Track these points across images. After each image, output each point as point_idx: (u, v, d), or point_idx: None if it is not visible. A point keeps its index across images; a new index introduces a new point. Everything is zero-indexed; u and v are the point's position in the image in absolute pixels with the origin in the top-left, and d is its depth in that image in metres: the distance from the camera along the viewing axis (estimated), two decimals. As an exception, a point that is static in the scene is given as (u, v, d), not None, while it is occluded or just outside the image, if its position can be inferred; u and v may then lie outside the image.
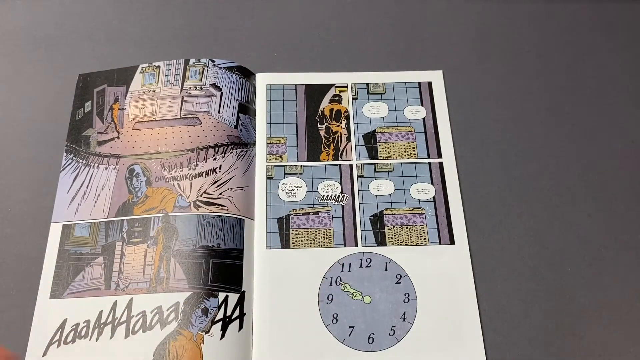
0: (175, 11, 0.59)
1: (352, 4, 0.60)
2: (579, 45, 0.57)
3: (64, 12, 0.59)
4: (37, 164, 0.50)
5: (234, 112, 0.52)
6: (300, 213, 0.48)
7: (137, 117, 0.52)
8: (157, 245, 0.46)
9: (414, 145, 0.51)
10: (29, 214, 0.48)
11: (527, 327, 0.44)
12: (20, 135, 0.52)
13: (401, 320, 0.44)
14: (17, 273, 0.45)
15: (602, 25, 0.59)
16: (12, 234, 0.47)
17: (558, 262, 0.47)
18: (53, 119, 0.52)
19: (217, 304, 0.43)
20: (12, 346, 0.43)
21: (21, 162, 0.50)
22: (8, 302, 0.44)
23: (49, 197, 0.48)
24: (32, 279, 0.45)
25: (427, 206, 0.49)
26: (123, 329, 0.43)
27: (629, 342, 0.44)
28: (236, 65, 0.54)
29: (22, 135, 0.52)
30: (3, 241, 0.47)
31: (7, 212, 0.48)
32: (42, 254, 0.46)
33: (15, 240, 0.47)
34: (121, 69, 0.54)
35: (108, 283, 0.45)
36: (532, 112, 0.54)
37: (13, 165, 0.50)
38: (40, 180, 0.49)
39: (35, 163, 0.50)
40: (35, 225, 0.47)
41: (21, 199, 0.49)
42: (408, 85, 0.54)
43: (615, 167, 0.51)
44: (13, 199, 0.49)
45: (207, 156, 0.49)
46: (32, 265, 0.45)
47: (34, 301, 0.44)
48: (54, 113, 0.53)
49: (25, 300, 0.44)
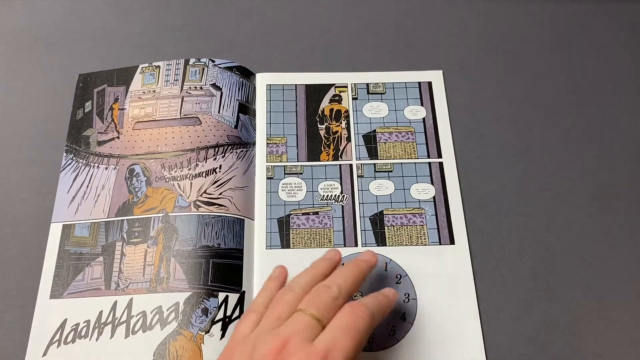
0: (175, 11, 0.59)
1: (352, 4, 0.60)
2: (580, 45, 0.57)
3: (64, 12, 0.59)
4: (37, 164, 0.50)
5: (234, 112, 0.52)
6: (300, 213, 0.48)
7: (137, 117, 0.52)
8: (157, 245, 0.46)
9: (414, 145, 0.51)
10: (29, 214, 0.48)
11: (527, 327, 0.44)
12: (20, 135, 0.52)
13: (401, 321, 0.44)
14: (18, 273, 0.45)
15: (603, 25, 0.59)
16: (12, 233, 0.47)
17: (558, 262, 0.47)
18: (53, 119, 0.52)
19: (217, 304, 0.43)
20: (12, 346, 0.43)
21: (21, 162, 0.50)
22: (8, 302, 0.44)
23: (49, 197, 0.48)
24: (32, 279, 0.45)
25: (427, 206, 0.49)
26: (123, 329, 0.43)
27: (629, 342, 0.44)
28: (236, 65, 0.54)
29: (22, 135, 0.52)
30: (3, 241, 0.47)
31: (7, 212, 0.48)
32: (42, 254, 0.46)
33: (15, 240, 0.47)
34: (121, 69, 0.54)
35: (108, 283, 0.45)
36: (532, 112, 0.54)
37: (13, 165, 0.50)
38: (41, 180, 0.49)
39: (35, 163, 0.50)
40: (35, 225, 0.47)
41: (21, 199, 0.49)
42: (408, 85, 0.54)
43: (615, 167, 0.51)
44: (13, 199, 0.49)
45: (207, 156, 0.49)
46: (32, 265, 0.45)
47: (34, 301, 0.44)
48: (54, 113, 0.53)
49: (25, 300, 0.44)
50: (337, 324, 0.35)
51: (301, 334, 0.34)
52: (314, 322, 0.35)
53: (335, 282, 0.38)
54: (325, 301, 0.37)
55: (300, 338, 0.34)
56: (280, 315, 0.37)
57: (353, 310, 0.36)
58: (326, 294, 0.37)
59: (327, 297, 0.37)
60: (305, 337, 0.34)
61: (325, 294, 0.37)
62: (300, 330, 0.35)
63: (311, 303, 0.37)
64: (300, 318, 0.35)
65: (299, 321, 0.35)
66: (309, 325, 0.35)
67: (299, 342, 0.34)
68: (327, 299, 0.37)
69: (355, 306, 0.36)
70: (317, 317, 0.35)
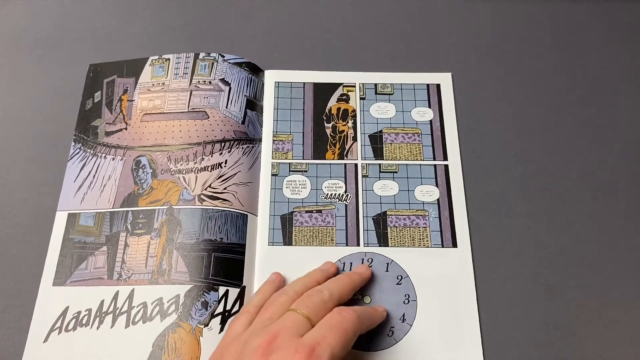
0: (187, 7, 0.59)
1: (364, 3, 0.60)
2: (590, 49, 0.57)
3: (78, 6, 0.59)
4: (45, 153, 0.51)
5: (242, 108, 0.52)
6: (303, 211, 0.48)
7: (146, 109, 0.52)
8: (160, 237, 0.46)
9: (420, 147, 0.51)
10: (35, 202, 0.48)
11: (527, 327, 0.44)
12: (29, 124, 0.52)
13: (400, 322, 0.44)
14: (22, 259, 0.46)
15: (603, 25, 0.58)
16: (18, 221, 0.48)
17: (558, 262, 0.47)
18: (62, 109, 0.53)
19: (217, 298, 0.43)
20: (13, 331, 0.43)
21: (29, 151, 0.51)
22: (11, 287, 0.45)
23: (55, 185, 0.49)
24: (36, 266, 0.45)
25: (431, 208, 0.49)
26: (124, 319, 0.43)
27: (629, 342, 0.44)
28: (245, 61, 0.54)
29: (31, 124, 0.52)
30: (9, 228, 0.47)
31: (15, 200, 0.48)
32: (46, 241, 0.46)
33: (21, 228, 0.47)
34: (131, 60, 0.55)
35: (111, 273, 0.45)
36: (540, 117, 0.53)
37: (21, 153, 0.51)
38: (48, 169, 0.50)
39: (43, 152, 0.51)
40: (41, 213, 0.48)
41: (28, 188, 0.49)
42: (416, 86, 0.54)
43: (616, 167, 0.51)
44: (21, 188, 0.49)
45: (213, 150, 0.50)
46: (36, 253, 0.46)
47: (37, 288, 0.44)
48: (64, 103, 0.53)
49: (28, 286, 0.45)
50: (326, 322, 0.37)
51: (290, 329, 0.36)
52: (304, 319, 0.37)
53: (327, 287, 0.40)
54: (315, 302, 0.38)
55: (289, 333, 0.35)
56: (272, 316, 0.38)
57: (341, 312, 0.38)
58: (317, 296, 0.39)
59: (318, 299, 0.39)
60: (294, 332, 0.36)
61: (316, 296, 0.39)
62: (289, 326, 0.36)
63: (302, 303, 0.38)
64: (291, 316, 0.37)
65: (289, 318, 0.37)
66: (299, 322, 0.37)
67: (287, 336, 0.35)
68: (317, 300, 0.39)
69: (343, 309, 0.38)
70: (307, 315, 0.37)
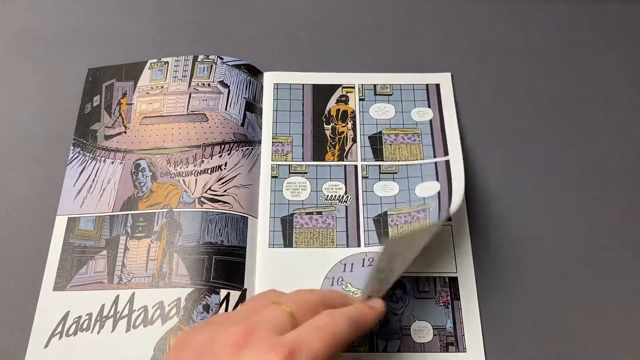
0: (184, 9, 0.59)
1: (362, 4, 0.60)
2: (590, 49, 0.57)
3: (75, 9, 0.59)
4: (44, 157, 0.51)
5: (241, 110, 0.52)
6: (303, 212, 0.48)
7: (145, 112, 0.52)
8: (160, 240, 0.46)
9: (420, 147, 0.51)
10: (35, 206, 0.48)
11: (527, 328, 0.44)
12: (28, 128, 0.52)
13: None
14: (21, 264, 0.46)
15: (603, 25, 0.58)
16: (18, 225, 0.47)
17: (558, 262, 0.46)
18: (61, 113, 0.53)
19: (218, 301, 0.43)
20: (14, 337, 0.43)
21: (29, 155, 0.51)
22: (11, 293, 0.45)
23: (55, 190, 0.49)
24: (36, 270, 0.45)
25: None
26: (124, 323, 0.43)
27: (629, 342, 0.43)
28: (244, 63, 0.54)
29: (30, 128, 0.52)
30: (9, 232, 0.47)
31: (14, 204, 0.48)
32: (46, 246, 0.46)
33: (20, 232, 0.47)
34: (130, 64, 0.55)
35: (111, 277, 0.45)
36: (540, 117, 0.53)
37: (20, 157, 0.51)
38: (47, 173, 0.50)
39: (42, 156, 0.51)
40: (40, 217, 0.48)
41: (28, 192, 0.49)
42: (416, 87, 0.54)
43: (616, 167, 0.51)
44: (20, 192, 0.49)
45: (213, 153, 0.49)
46: (36, 257, 0.46)
47: (37, 293, 0.44)
48: (63, 107, 0.53)
49: (28, 291, 0.44)
50: (312, 323, 0.32)
51: (269, 324, 0.31)
52: (287, 316, 0.32)
53: (321, 290, 0.38)
54: (304, 299, 0.34)
55: (267, 327, 0.31)
56: (255, 308, 0.34)
57: (331, 315, 0.33)
58: (307, 294, 0.35)
59: (308, 297, 0.35)
60: (273, 327, 0.31)
61: (306, 294, 0.35)
62: (268, 319, 0.31)
63: (288, 299, 0.34)
64: (273, 309, 0.33)
65: (270, 312, 0.32)
66: (280, 318, 0.32)
67: (265, 331, 0.30)
68: (307, 297, 0.34)
69: (333, 312, 0.33)
70: (291, 312, 0.32)
